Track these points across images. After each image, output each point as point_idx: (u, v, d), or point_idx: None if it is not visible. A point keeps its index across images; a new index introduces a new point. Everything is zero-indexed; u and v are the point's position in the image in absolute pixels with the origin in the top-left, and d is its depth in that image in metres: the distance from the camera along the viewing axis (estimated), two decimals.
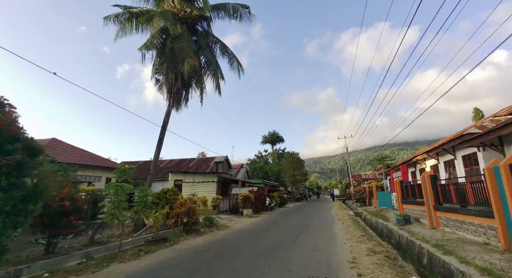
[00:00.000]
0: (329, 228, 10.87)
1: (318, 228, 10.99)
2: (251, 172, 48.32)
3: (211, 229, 11.21)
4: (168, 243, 8.04)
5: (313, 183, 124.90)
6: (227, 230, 11.26)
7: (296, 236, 8.94)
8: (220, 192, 24.18)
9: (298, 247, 7.12)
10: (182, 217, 9.75)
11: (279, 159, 52.91)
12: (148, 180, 11.96)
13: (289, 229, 11.02)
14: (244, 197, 17.79)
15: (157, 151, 12.10)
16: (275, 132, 58.21)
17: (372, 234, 9.31)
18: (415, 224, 10.79)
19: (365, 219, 16.03)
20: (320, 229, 10.81)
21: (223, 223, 13.57)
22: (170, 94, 12.48)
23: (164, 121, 12.42)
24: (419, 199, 11.33)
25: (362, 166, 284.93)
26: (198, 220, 10.42)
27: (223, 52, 14.45)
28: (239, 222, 14.30)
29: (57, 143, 27.71)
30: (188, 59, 11.35)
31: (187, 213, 9.85)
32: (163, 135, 12.25)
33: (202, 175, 24.19)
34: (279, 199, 27.89)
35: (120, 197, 6.33)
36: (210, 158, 36.19)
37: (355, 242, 7.65)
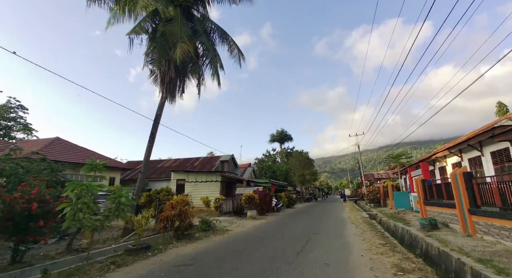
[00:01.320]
0: (341, 234, 9.42)
1: (328, 234, 9.56)
2: (258, 171, 47.04)
3: (207, 233, 9.97)
4: (150, 252, 6.84)
5: (323, 183, 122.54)
6: (225, 235, 10.00)
7: (303, 244, 7.56)
8: (224, 192, 23.00)
9: (305, 260, 5.75)
10: (172, 220, 8.57)
11: (288, 158, 51.35)
12: (139, 179, 10.85)
13: (295, 235, 9.64)
14: (247, 198, 16.51)
15: (148, 146, 10.98)
16: (283, 131, 56.66)
17: (394, 243, 7.82)
18: (444, 230, 9.20)
19: (382, 222, 14.44)
20: (331, 235, 9.37)
21: (223, 226, 12.32)
22: (163, 84, 11.33)
23: (157, 115, 11.29)
24: (448, 201, 9.72)
25: (374, 165, 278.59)
26: (191, 223, 9.21)
27: (222, 39, 13.21)
28: (241, 225, 13.02)
29: (60, 142, 27.26)
30: (181, 43, 10.16)
31: (179, 216, 8.65)
32: (155, 130, 11.13)
33: (205, 174, 23.08)
34: (286, 200, 26.46)
35: (85, 199, 5.16)
36: (216, 156, 35.11)
37: (375, 254, 6.22)
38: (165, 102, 11.58)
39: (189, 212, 8.97)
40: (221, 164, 33.54)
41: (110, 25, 11.72)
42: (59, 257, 6.82)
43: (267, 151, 56.14)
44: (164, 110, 11.47)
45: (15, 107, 39.19)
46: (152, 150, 11.16)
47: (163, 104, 11.50)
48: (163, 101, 11.44)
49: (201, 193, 21.94)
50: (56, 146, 24.78)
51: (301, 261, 5.66)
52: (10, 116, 38.85)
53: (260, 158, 54.91)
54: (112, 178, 28.39)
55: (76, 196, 5.10)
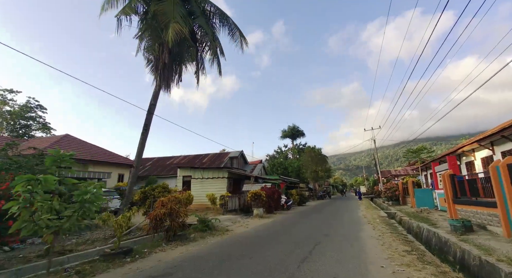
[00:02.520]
0: (356, 237, 8.12)
1: (341, 237, 8.28)
2: (270, 167, 45.90)
3: (204, 234, 8.98)
4: (130, 257, 5.89)
5: (338, 180, 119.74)
6: (223, 236, 8.96)
7: (309, 250, 6.37)
8: (231, 189, 22.05)
9: (308, 273, 4.58)
10: (162, 219, 7.62)
11: (300, 154, 49.80)
12: (131, 174, 10.01)
13: (302, 237, 8.44)
14: (253, 195, 15.41)
15: (141, 139, 10.11)
16: (295, 126, 55.07)
17: (422, 250, 6.45)
18: (481, 233, 7.70)
19: (402, 222, 12.95)
20: (344, 238, 8.09)
21: (225, 225, 11.31)
22: (157, 70, 10.40)
23: (151, 104, 10.38)
24: (486, 199, 8.20)
25: (391, 162, 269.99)
26: (184, 223, 8.23)
27: (222, 21, 12.10)
28: (245, 224, 11.96)
29: (69, 138, 27.30)
30: (173, 24, 9.14)
31: (169, 215, 7.69)
32: (148, 121, 10.23)
33: (212, 170, 22.19)
34: (297, 197, 25.17)
35: (38, 196, 4.24)
36: (224, 153, 34.30)
37: (399, 265, 4.94)
38: (159, 91, 10.65)
39: (182, 210, 7.99)
40: (230, 160, 32.66)
41: (104, 11, 10.89)
42: (36, 260, 6.03)
43: (279, 147, 54.89)
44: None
45: (34, 107, 40.38)
46: (145, 143, 10.28)
47: (158, 94, 10.58)
48: (157, 90, 10.51)
49: (208, 190, 21.10)
50: (65, 142, 24.73)
51: (303, 274, 4.49)
52: (29, 115, 40.07)
53: (271, 155, 53.71)
54: (121, 175, 28.22)
55: (27, 191, 4.18)
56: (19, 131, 39.42)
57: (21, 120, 39.59)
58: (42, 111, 40.93)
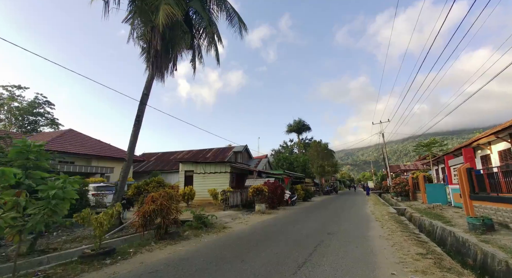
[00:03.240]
0: (363, 237, 7.40)
1: (346, 236, 7.58)
2: (275, 162, 45.25)
3: (199, 231, 8.43)
4: (111, 258, 5.35)
5: (345, 175, 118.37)
6: (219, 233, 8.37)
7: (310, 252, 5.70)
8: (234, 184, 21.52)
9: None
10: (151, 216, 7.07)
11: (305, 148, 48.90)
12: (123, 168, 9.48)
13: (303, 236, 7.78)
14: (255, 190, 14.79)
15: (134, 131, 9.54)
16: (301, 121, 54.00)
17: (439, 253, 5.68)
18: (505, 233, 6.88)
19: (413, 219, 12.15)
20: (350, 237, 7.39)
21: (223, 222, 10.75)
22: (149, 58, 9.77)
23: (143, 94, 9.77)
24: (509, 194, 7.36)
25: (399, 157, 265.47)
26: (176, 220, 7.68)
27: (220, 6, 11.34)
28: (244, 220, 11.37)
29: (72, 133, 27.16)
30: (164, 5, 8.46)
31: (160, 212, 7.14)
32: (141, 112, 9.63)
33: (214, 164, 21.67)
34: (303, 192, 24.47)
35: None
36: (228, 147, 33.74)
37: (414, 272, 4.22)
38: (152, 81, 10.02)
39: (173, 207, 7.42)
40: (234, 155, 32.12)
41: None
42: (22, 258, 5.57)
43: (284, 142, 54.06)
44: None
45: (42, 103, 40.69)
46: (138, 135, 9.71)
47: (151, 83, 9.96)
48: (150, 79, 9.89)
49: (210, 185, 20.64)
50: (67, 137, 24.58)
51: None
52: (37, 111, 40.44)
53: (276, 149, 52.97)
54: None
55: None
56: (27, 127, 39.87)
57: (29, 116, 40.04)
58: (50, 107, 41.27)
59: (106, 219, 5.70)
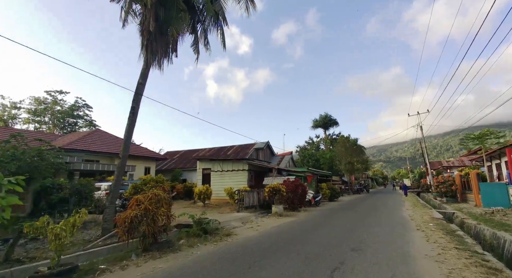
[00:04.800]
0: (401, 255, 5.53)
1: (376, 253, 5.75)
2: (300, 160, 43.20)
3: (197, 240, 7.17)
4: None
5: (378, 172, 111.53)
6: (219, 243, 7.03)
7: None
8: (253, 183, 20.19)
9: None
10: (134, 223, 5.93)
11: (333, 144, 45.98)
12: (118, 165, 8.54)
13: (320, 250, 6.11)
14: (271, 189, 13.26)
15: (128, 124, 8.56)
16: (327, 115, 50.98)
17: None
18: None
19: (465, 227, 9.76)
20: (381, 256, 5.55)
21: (231, 226, 9.43)
22: (143, 41, 8.71)
23: (138, 84, 8.75)
24: None
25: (440, 153, 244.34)
26: (167, 227, 6.48)
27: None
28: (256, 225, 9.93)
29: (98, 133, 27.97)
30: None
31: (145, 218, 5.98)
32: (136, 104, 8.61)
33: (231, 162, 20.52)
34: (328, 191, 22.35)
35: None
36: (250, 144, 32.50)
37: None
38: (149, 69, 8.96)
39: (162, 211, 6.21)
40: (255, 152, 30.84)
41: None
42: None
43: (310, 138, 51.50)
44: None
45: (82, 106, 43.45)
46: (133, 128, 8.72)
47: (147, 71, 8.90)
48: (146, 66, 8.83)
49: (227, 184, 19.55)
50: (93, 137, 25.20)
51: None
52: (77, 114, 43.33)
53: (302, 146, 50.65)
54: (147, 168, 28.24)
55: None
56: (67, 128, 42.69)
57: (69, 119, 42.91)
58: (88, 110, 43.96)
59: (68, 229, 4.62)
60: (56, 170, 11.59)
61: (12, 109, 40.19)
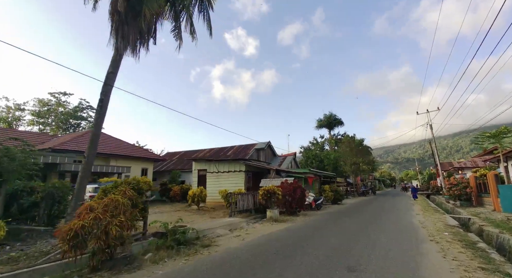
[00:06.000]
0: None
1: (380, 276, 4.55)
2: (304, 160, 41.86)
3: (167, 253, 6.06)
4: None
5: (385, 174, 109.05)
6: (192, 257, 5.90)
7: None
8: (250, 184, 19.06)
9: None
10: (80, 235, 4.86)
11: (337, 145, 44.46)
12: (82, 166, 7.50)
13: (309, 269, 4.93)
14: (265, 192, 12.08)
15: (96, 118, 7.54)
16: (332, 115, 49.47)
17: None
18: None
19: (484, 235, 8.42)
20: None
21: (215, 235, 8.30)
22: (113, 24, 7.70)
23: (108, 73, 7.73)
24: None
25: (449, 154, 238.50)
26: (123, 241, 5.39)
27: None
28: (245, 233, 8.76)
29: None
30: None
31: (96, 229, 4.90)
32: (104, 95, 7.57)
33: (228, 163, 19.43)
34: (331, 193, 21.02)
35: None
36: (250, 144, 31.36)
37: None
38: (121, 56, 7.94)
39: (118, 221, 5.12)
40: (256, 153, 29.68)
41: None
42: None
43: (314, 138, 49.98)
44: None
45: (86, 107, 43.22)
46: (102, 123, 7.71)
47: (118, 59, 7.88)
48: (117, 54, 7.80)
49: (224, 186, 18.46)
50: (87, 137, 24.49)
51: None
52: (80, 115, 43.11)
53: (306, 146, 49.19)
54: (145, 169, 27.28)
55: None
56: (70, 130, 42.40)
57: (72, 120, 42.66)
58: (92, 111, 43.67)
59: None
60: (31, 171, 10.67)
61: (16, 111, 40.15)
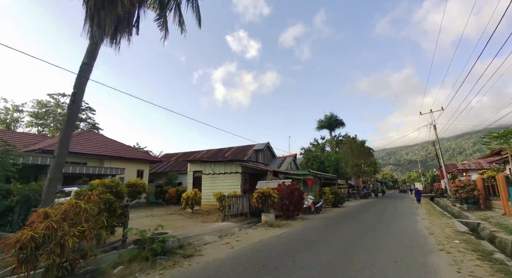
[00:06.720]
0: None
1: None
2: (304, 162, 41.10)
3: (142, 265, 5.31)
4: None
5: (387, 176, 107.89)
6: (169, 272, 5.11)
7: None
8: (247, 187, 18.29)
9: None
10: (32, 249, 4.11)
11: (338, 146, 43.62)
12: (51, 167, 6.76)
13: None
14: (260, 195, 11.30)
15: (69, 114, 6.82)
16: (333, 115, 48.66)
17: None
18: None
19: (497, 242, 7.61)
20: None
21: (202, 242, 7.54)
22: (87, 10, 7.01)
23: (83, 64, 7.01)
24: None
25: (452, 156, 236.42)
26: (85, 254, 4.63)
27: None
28: (235, 240, 7.99)
29: (87, 134, 26.69)
30: None
31: (51, 240, 4.16)
32: (78, 88, 6.84)
33: (224, 164, 18.68)
34: (332, 196, 20.19)
35: None
36: (249, 145, 30.63)
37: None
38: (98, 46, 7.23)
39: (79, 230, 4.38)
40: (254, 154, 28.94)
41: None
42: None
43: (315, 139, 49.20)
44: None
45: (85, 109, 42.73)
46: (75, 121, 7.02)
47: (94, 49, 7.17)
48: (93, 43, 7.10)
49: (220, 188, 17.73)
50: (81, 138, 23.81)
51: None
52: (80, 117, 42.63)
53: (306, 148, 48.38)
54: (140, 171, 26.54)
55: None
56: None
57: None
58: (91, 113, 43.22)
59: None
60: (9, 172, 9.95)
61: (14, 113, 39.74)
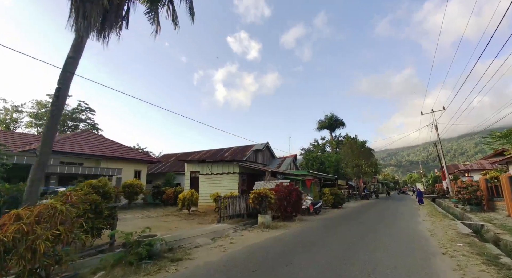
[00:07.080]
0: None
1: None
2: (304, 162, 40.74)
3: (126, 270, 4.97)
4: None
5: (388, 177, 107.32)
6: (154, 277, 4.81)
7: None
8: (245, 187, 17.94)
9: None
10: (1, 254, 3.78)
11: (339, 146, 43.23)
12: (33, 166, 6.42)
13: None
14: (256, 196, 10.96)
15: (52, 111, 6.48)
16: (333, 116, 48.30)
17: None
18: None
19: (504, 246, 7.25)
20: None
21: (193, 245, 7.19)
22: (72, 3, 6.70)
23: (68, 58, 6.69)
24: None
25: (454, 156, 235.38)
26: (59, 259, 4.29)
27: None
28: (229, 243, 7.64)
29: (85, 134, 26.43)
30: None
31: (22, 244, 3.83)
32: (63, 83, 6.52)
33: (221, 164, 18.35)
34: (331, 197, 19.81)
35: None
36: (248, 146, 30.31)
37: None
38: (84, 40, 6.92)
39: (53, 233, 4.05)
40: (254, 154, 28.62)
41: None
42: None
43: (315, 139, 48.83)
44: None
45: (84, 109, 42.63)
46: (59, 118, 6.67)
47: (79, 42, 6.86)
48: (78, 36, 6.78)
49: (217, 188, 17.40)
50: (78, 138, 23.56)
51: None
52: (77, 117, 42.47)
53: (306, 148, 48.00)
54: (138, 171, 26.21)
55: None
56: (67, 132, 41.72)
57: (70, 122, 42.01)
58: (91, 113, 43.13)
59: None
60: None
61: (14, 113, 39.62)
